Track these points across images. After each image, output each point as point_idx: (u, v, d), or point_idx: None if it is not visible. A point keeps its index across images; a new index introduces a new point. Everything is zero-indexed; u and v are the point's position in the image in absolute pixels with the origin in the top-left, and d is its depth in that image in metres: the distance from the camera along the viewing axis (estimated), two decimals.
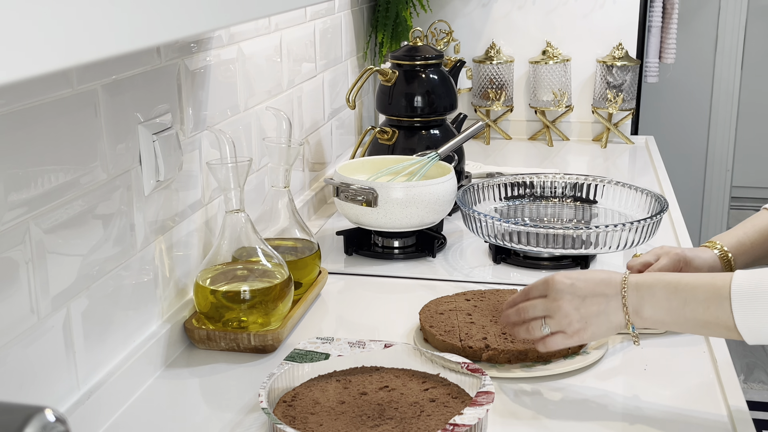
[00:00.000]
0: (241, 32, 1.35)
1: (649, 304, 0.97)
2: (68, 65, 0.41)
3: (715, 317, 0.93)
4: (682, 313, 0.95)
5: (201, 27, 0.55)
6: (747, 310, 0.91)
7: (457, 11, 2.41)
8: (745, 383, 3.02)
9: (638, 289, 0.98)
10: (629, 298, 0.98)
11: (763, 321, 0.90)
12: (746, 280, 0.92)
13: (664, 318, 0.97)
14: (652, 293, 0.97)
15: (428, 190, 1.45)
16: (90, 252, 0.96)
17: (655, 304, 0.97)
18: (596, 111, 2.35)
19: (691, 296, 0.95)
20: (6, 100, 0.81)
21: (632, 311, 0.98)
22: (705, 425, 0.98)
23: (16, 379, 0.85)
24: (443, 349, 1.13)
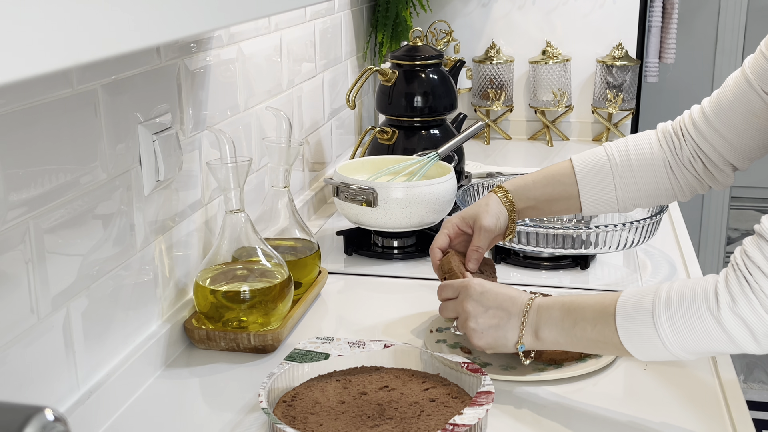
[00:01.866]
0: (241, 32, 1.35)
1: (546, 325, 1.00)
2: (68, 65, 0.41)
3: (603, 335, 0.95)
4: (573, 333, 0.98)
5: (201, 27, 0.55)
6: (629, 326, 0.93)
7: (457, 11, 2.41)
8: (745, 383, 3.02)
9: (539, 311, 1.01)
10: (529, 318, 1.01)
11: (644, 336, 0.92)
12: (631, 296, 0.94)
13: (558, 338, 0.99)
14: (549, 314, 1.00)
15: (428, 190, 1.45)
16: (90, 252, 0.96)
17: (551, 325, 0.99)
18: (596, 111, 2.35)
19: (580, 316, 0.97)
20: (6, 100, 0.81)
21: (531, 332, 1.01)
22: (705, 425, 0.98)
23: (16, 379, 0.85)
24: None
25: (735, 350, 0.90)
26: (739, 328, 0.87)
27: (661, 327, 0.91)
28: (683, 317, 0.90)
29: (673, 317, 0.90)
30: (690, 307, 0.90)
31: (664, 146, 1.18)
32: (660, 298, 0.92)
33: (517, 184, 1.23)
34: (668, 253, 1.52)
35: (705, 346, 0.90)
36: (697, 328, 0.89)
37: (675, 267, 1.46)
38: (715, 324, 0.88)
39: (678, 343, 0.91)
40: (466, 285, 1.07)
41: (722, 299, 0.88)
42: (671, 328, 0.90)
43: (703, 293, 0.90)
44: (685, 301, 0.90)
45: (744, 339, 0.88)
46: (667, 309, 0.91)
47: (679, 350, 0.91)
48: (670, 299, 0.91)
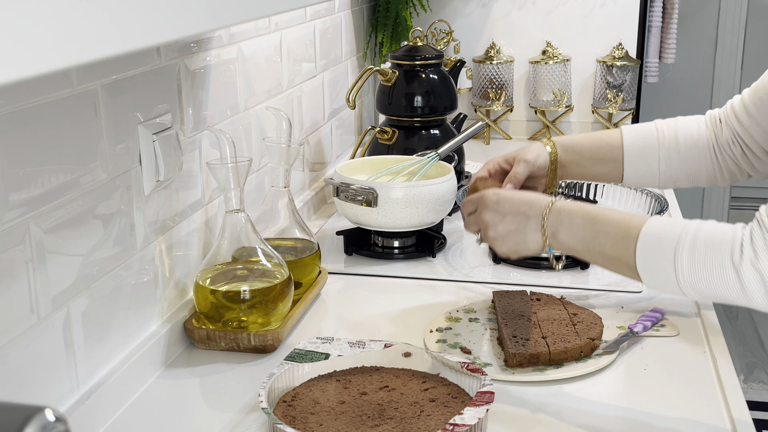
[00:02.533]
0: (241, 32, 1.35)
1: (566, 229, 1.03)
2: (68, 65, 0.41)
3: (620, 254, 0.99)
4: (592, 244, 1.02)
5: (201, 27, 0.55)
6: (648, 252, 0.97)
7: (457, 11, 2.41)
8: (745, 383, 3.02)
9: (559, 213, 1.05)
10: (549, 220, 1.04)
11: (661, 266, 0.96)
12: (659, 224, 0.98)
13: (576, 246, 1.03)
14: (571, 220, 1.04)
15: (428, 190, 1.45)
16: (90, 252, 0.96)
17: (571, 231, 1.03)
18: (596, 111, 2.35)
19: (603, 230, 1.01)
20: (6, 100, 0.81)
21: (550, 233, 1.04)
22: (705, 425, 0.98)
23: (16, 379, 0.85)
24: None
25: (745, 302, 0.93)
26: (756, 283, 0.91)
27: (680, 263, 0.94)
28: (704, 260, 0.93)
29: (695, 257, 0.94)
30: (714, 252, 0.93)
31: (709, 129, 1.24)
32: (687, 235, 0.95)
33: (564, 137, 1.29)
34: None
35: (718, 291, 0.94)
36: (716, 273, 0.93)
37: None
38: (734, 274, 0.92)
39: (691, 282, 0.94)
40: (481, 195, 1.11)
41: (746, 252, 0.91)
42: (690, 266, 0.94)
43: (730, 242, 0.93)
44: (711, 246, 0.93)
45: (757, 294, 0.91)
46: (691, 247, 0.94)
47: (689, 288, 0.95)
48: (697, 239, 0.94)
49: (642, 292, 1.35)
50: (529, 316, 1.20)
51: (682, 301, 1.32)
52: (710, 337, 1.19)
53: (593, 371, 1.09)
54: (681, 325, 1.23)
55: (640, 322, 1.20)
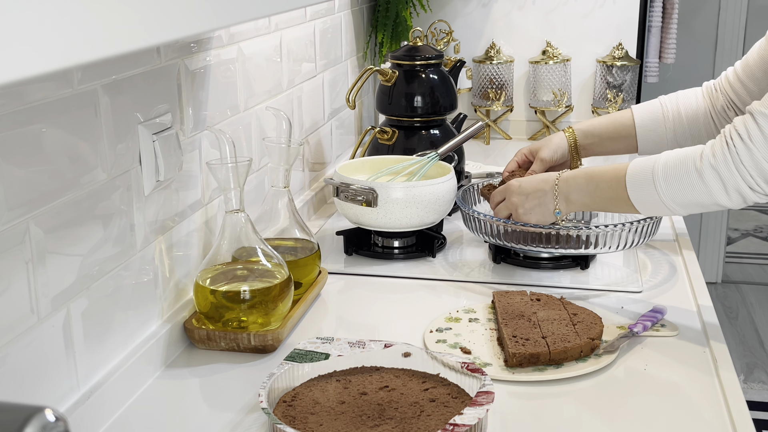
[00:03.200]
0: (241, 32, 1.35)
1: (574, 190, 1.28)
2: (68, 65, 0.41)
3: (617, 193, 1.21)
4: (595, 194, 1.25)
5: (201, 27, 0.55)
6: (635, 182, 1.18)
7: (457, 11, 2.41)
8: (745, 383, 3.02)
9: (567, 181, 1.29)
10: (560, 188, 1.29)
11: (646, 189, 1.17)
12: (640, 160, 1.19)
13: (585, 199, 1.27)
14: (576, 182, 1.28)
15: (428, 190, 1.45)
16: (90, 252, 0.96)
17: (578, 190, 1.27)
18: (596, 111, 2.35)
19: (600, 179, 1.24)
20: (6, 100, 0.81)
21: (563, 198, 1.29)
22: (705, 425, 0.98)
23: (16, 379, 0.85)
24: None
25: (711, 202, 1.12)
26: (715, 180, 1.10)
27: (658, 181, 1.15)
28: (675, 172, 1.13)
29: (668, 173, 1.14)
30: (681, 164, 1.13)
31: (706, 99, 1.47)
32: (660, 159, 1.16)
33: (584, 124, 1.54)
34: (668, 253, 1.52)
35: (690, 196, 1.13)
36: (684, 180, 1.13)
37: (675, 267, 1.46)
38: (698, 176, 1.11)
39: (670, 195, 1.14)
40: (507, 185, 1.38)
41: (705, 156, 1.11)
42: (666, 181, 1.14)
43: (692, 153, 1.13)
44: (679, 161, 1.14)
45: (718, 190, 1.11)
46: (664, 166, 1.15)
47: (670, 201, 1.15)
48: (668, 160, 1.15)
49: (642, 292, 1.36)
50: (529, 316, 1.20)
51: (682, 301, 1.32)
52: (710, 337, 1.19)
53: (593, 371, 1.09)
54: (681, 325, 1.23)
55: (640, 322, 1.20)
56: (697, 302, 1.31)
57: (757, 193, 1.10)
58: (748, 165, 1.08)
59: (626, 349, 1.16)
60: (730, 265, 4.08)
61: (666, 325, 1.22)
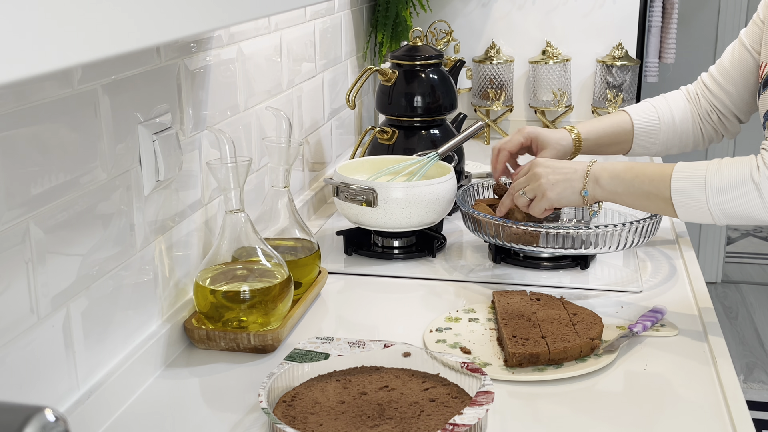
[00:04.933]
0: (241, 32, 1.35)
1: (609, 175, 1.23)
2: (68, 65, 0.41)
3: (657, 188, 1.18)
4: (631, 183, 1.21)
5: (201, 27, 0.55)
6: (681, 182, 1.15)
7: (457, 11, 2.41)
8: (745, 383, 3.02)
9: (603, 165, 1.25)
10: (594, 169, 1.25)
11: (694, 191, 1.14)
12: (689, 163, 1.17)
13: (618, 188, 1.22)
14: (613, 168, 1.24)
15: (428, 190, 1.45)
16: (90, 252, 0.96)
17: (614, 176, 1.23)
18: (596, 111, 2.35)
19: (641, 170, 1.21)
20: (6, 100, 0.81)
21: (593, 179, 1.24)
22: (705, 425, 0.98)
23: (16, 379, 0.85)
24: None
25: (763, 215, 1.10)
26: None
27: (709, 185, 1.12)
28: (729, 180, 1.11)
29: (722, 179, 1.12)
30: (737, 172, 1.11)
31: (690, 102, 1.50)
32: (712, 163, 1.14)
33: (585, 127, 1.51)
34: (668, 253, 1.52)
35: (742, 208, 1.11)
36: (740, 190, 1.11)
37: (675, 267, 1.46)
38: (755, 189, 1.10)
39: (719, 203, 1.12)
40: (533, 161, 1.33)
41: (762, 170, 1.10)
42: (718, 187, 1.12)
43: (749, 163, 1.12)
44: (734, 168, 1.12)
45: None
46: (717, 171, 1.12)
47: (717, 209, 1.12)
48: (722, 165, 1.13)
49: (642, 292, 1.36)
50: (528, 316, 1.20)
51: (682, 301, 1.32)
52: (710, 337, 1.19)
53: (593, 371, 1.09)
54: (681, 325, 1.23)
55: (640, 322, 1.20)
56: (697, 302, 1.31)
57: None
58: None
59: (626, 349, 1.16)
60: (730, 265, 4.08)
61: (666, 325, 1.22)
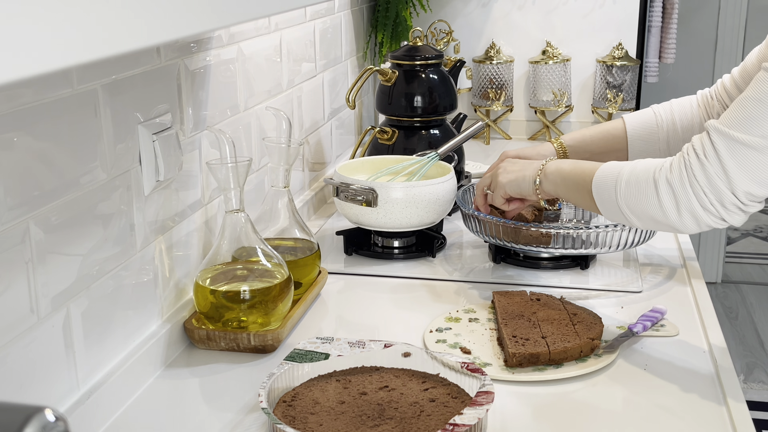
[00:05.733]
0: (241, 32, 1.35)
1: (554, 167, 1.25)
2: (68, 65, 0.41)
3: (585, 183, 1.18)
4: (567, 177, 1.22)
5: (201, 27, 0.55)
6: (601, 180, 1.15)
7: (457, 11, 2.41)
8: (745, 383, 3.02)
9: (556, 160, 1.27)
10: (548, 164, 1.27)
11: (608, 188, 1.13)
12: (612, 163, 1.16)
13: (557, 179, 1.24)
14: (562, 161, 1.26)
15: (428, 190, 1.45)
16: (90, 252, 0.96)
17: (558, 168, 1.24)
18: (596, 111, 2.35)
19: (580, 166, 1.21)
20: (6, 100, 0.81)
21: (543, 172, 1.26)
22: (705, 425, 0.98)
23: (16, 379, 0.85)
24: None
25: (662, 216, 1.07)
26: (668, 196, 1.06)
27: (619, 183, 1.11)
28: (636, 179, 1.09)
29: (630, 178, 1.10)
30: (644, 172, 1.09)
31: (701, 107, 1.42)
32: (629, 164, 1.12)
33: (575, 138, 1.47)
34: (668, 253, 1.52)
35: (642, 206, 1.09)
36: (642, 188, 1.08)
37: (675, 267, 1.46)
38: (653, 187, 1.07)
39: (626, 200, 1.10)
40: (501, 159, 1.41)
41: (664, 169, 1.07)
42: (626, 185, 1.10)
43: (657, 163, 1.09)
44: (644, 168, 1.10)
45: (669, 206, 1.06)
46: (630, 171, 1.11)
47: (625, 207, 1.11)
48: (636, 166, 1.11)
49: (642, 292, 1.36)
50: (528, 316, 1.20)
51: (682, 302, 1.32)
52: (710, 337, 1.19)
53: (593, 371, 1.09)
54: (681, 325, 1.23)
55: (640, 322, 1.20)
56: (697, 302, 1.31)
57: (710, 214, 1.03)
58: (701, 182, 1.02)
59: (626, 349, 1.16)
60: (730, 265, 4.08)
61: (666, 325, 1.22)
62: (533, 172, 1.27)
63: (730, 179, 1.01)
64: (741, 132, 1.00)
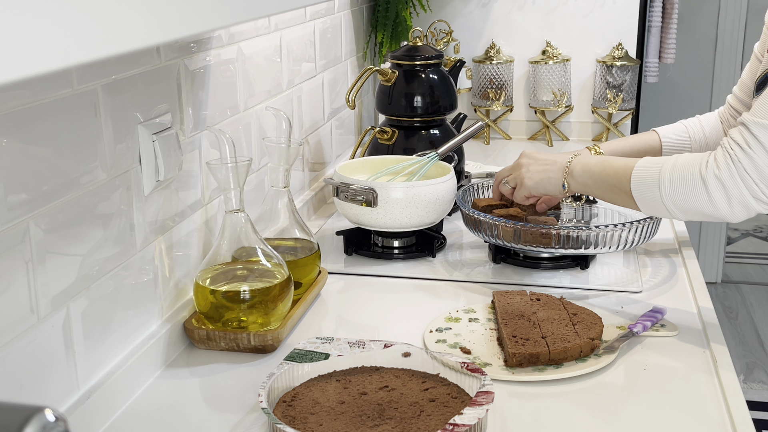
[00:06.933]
0: (241, 32, 1.35)
1: (581, 166, 1.29)
2: (68, 65, 0.41)
3: (620, 184, 1.21)
4: (599, 177, 1.26)
5: (201, 27, 0.55)
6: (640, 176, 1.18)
7: (457, 11, 2.41)
8: (745, 383, 3.02)
9: (580, 159, 1.31)
10: (573, 163, 1.30)
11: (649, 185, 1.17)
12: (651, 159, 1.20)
13: (588, 180, 1.28)
14: (588, 159, 1.30)
15: (428, 190, 1.45)
16: (90, 252, 0.96)
17: (585, 168, 1.28)
18: (596, 111, 2.35)
19: (609, 165, 1.25)
20: (6, 100, 0.81)
21: (569, 173, 1.30)
22: (705, 425, 0.98)
23: (16, 379, 0.85)
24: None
25: (712, 210, 1.12)
26: (719, 191, 1.11)
27: (662, 179, 1.15)
28: (681, 175, 1.14)
29: (674, 174, 1.14)
30: (688, 168, 1.13)
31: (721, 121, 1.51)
32: (670, 159, 1.17)
33: (614, 150, 1.49)
34: (668, 253, 1.52)
35: (691, 202, 1.13)
36: (689, 185, 1.13)
37: (675, 267, 1.46)
38: (702, 184, 1.12)
39: (671, 196, 1.15)
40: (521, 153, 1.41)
41: (710, 165, 1.11)
42: (670, 182, 1.14)
43: (699, 158, 1.14)
44: (686, 164, 1.14)
45: (721, 201, 1.11)
46: (672, 167, 1.15)
47: (670, 202, 1.15)
48: (677, 161, 1.15)
49: (642, 292, 1.36)
50: (528, 316, 1.20)
51: (682, 301, 1.32)
52: (710, 337, 1.19)
53: (593, 371, 1.09)
54: (681, 325, 1.23)
55: (640, 322, 1.20)
56: (697, 302, 1.31)
57: (761, 202, 1.10)
58: (751, 173, 1.09)
59: (626, 349, 1.16)
60: (730, 265, 4.08)
61: (666, 325, 1.22)
62: (559, 173, 1.31)
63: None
64: None
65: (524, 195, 1.38)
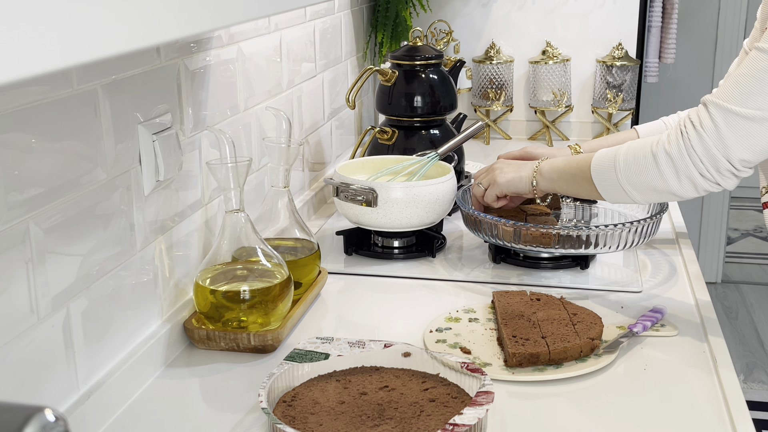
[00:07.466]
0: (241, 32, 1.35)
1: (549, 165, 1.36)
2: (68, 65, 0.41)
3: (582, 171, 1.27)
4: (563, 170, 1.32)
5: (201, 27, 0.55)
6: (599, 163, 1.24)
7: (457, 11, 2.41)
8: (745, 383, 3.02)
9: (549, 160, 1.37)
10: (542, 163, 1.37)
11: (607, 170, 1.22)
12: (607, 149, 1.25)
13: (553, 175, 1.34)
14: (555, 159, 1.37)
15: (428, 190, 1.45)
16: (90, 252, 0.96)
17: (552, 165, 1.35)
18: (596, 111, 2.35)
19: (573, 159, 1.32)
20: (6, 100, 0.81)
21: (538, 171, 1.37)
22: (705, 425, 0.98)
23: (16, 379, 0.85)
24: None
25: (663, 185, 1.16)
26: (667, 165, 1.14)
27: (618, 162, 1.20)
28: (634, 154, 1.18)
29: (628, 156, 1.19)
30: (641, 148, 1.18)
31: None
32: (625, 144, 1.22)
33: (592, 147, 1.52)
34: (668, 253, 1.52)
35: (644, 179, 1.17)
36: (640, 162, 1.17)
37: (675, 267, 1.46)
38: (652, 159, 1.16)
39: (627, 176, 1.19)
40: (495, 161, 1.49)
41: (661, 142, 1.15)
42: (625, 162, 1.19)
43: (652, 139, 1.18)
44: (640, 145, 1.19)
45: (669, 174, 1.14)
46: (626, 150, 1.20)
47: (626, 183, 1.19)
48: (632, 144, 1.20)
49: (642, 292, 1.36)
50: (528, 316, 1.20)
51: (682, 301, 1.32)
52: (710, 337, 1.19)
53: (593, 371, 1.09)
54: (681, 325, 1.23)
55: (640, 322, 1.20)
56: (697, 302, 1.31)
57: (708, 180, 1.12)
58: (699, 151, 1.11)
59: (626, 349, 1.16)
60: (730, 265, 4.08)
61: (666, 325, 1.22)
62: (529, 172, 1.38)
63: (727, 148, 1.09)
64: (738, 105, 1.08)
65: (496, 194, 1.43)
